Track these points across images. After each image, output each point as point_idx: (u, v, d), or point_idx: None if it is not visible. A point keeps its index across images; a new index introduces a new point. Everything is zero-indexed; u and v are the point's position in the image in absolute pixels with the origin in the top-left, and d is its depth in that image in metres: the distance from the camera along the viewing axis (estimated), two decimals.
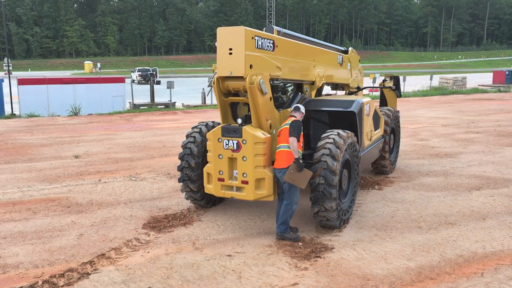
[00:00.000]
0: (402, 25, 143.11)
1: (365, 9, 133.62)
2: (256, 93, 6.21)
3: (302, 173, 6.09)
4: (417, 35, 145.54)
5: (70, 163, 11.20)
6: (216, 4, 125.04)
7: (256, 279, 5.30)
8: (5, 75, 59.36)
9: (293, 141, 6.10)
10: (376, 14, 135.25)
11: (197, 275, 5.40)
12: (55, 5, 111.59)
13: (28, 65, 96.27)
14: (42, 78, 24.36)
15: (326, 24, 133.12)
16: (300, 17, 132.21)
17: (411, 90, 36.55)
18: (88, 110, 23.25)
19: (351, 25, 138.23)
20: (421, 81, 45.62)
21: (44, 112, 22.78)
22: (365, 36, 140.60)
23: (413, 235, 6.58)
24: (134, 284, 5.19)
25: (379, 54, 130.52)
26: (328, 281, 5.24)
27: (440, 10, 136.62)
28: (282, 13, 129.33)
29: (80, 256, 5.93)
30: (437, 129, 16.42)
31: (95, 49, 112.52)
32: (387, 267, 5.56)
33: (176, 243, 6.36)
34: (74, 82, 24.55)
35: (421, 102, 26.76)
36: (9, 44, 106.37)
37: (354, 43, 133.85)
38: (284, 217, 6.35)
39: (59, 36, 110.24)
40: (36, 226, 6.98)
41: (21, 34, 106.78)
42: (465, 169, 10.39)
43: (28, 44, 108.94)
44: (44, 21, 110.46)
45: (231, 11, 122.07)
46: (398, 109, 12.05)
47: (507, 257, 5.86)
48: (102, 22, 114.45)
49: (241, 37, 6.04)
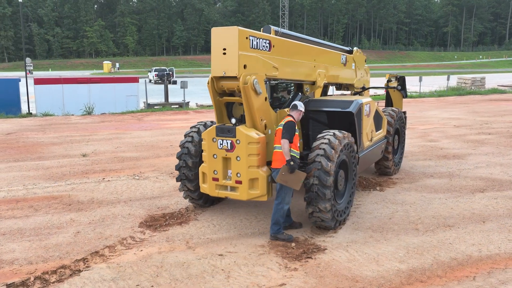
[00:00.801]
0: (422, 24, 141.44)
1: (384, 9, 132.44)
2: (250, 93, 6.21)
3: (294, 175, 6.08)
4: (437, 34, 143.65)
5: (77, 162, 11.37)
6: (233, 4, 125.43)
7: (244, 279, 5.30)
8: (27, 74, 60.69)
9: (284, 143, 6.09)
10: (395, 14, 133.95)
11: (186, 274, 5.43)
12: (75, 6, 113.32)
13: (49, 65, 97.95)
14: (58, 78, 24.79)
15: (344, 24, 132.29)
16: (318, 17, 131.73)
17: (428, 90, 36.08)
18: (102, 110, 23.57)
19: (369, 24, 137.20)
20: (439, 81, 44.98)
21: (59, 111, 23.19)
22: (384, 35, 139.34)
23: (408, 237, 6.50)
24: (123, 281, 5.24)
25: (398, 54, 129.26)
26: (316, 282, 5.21)
27: (461, 9, 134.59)
28: (300, 13, 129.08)
29: (74, 253, 6.01)
30: (449, 130, 16.18)
31: (114, 49, 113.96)
32: (377, 269, 5.51)
33: (170, 242, 6.40)
34: (88, 82, 24.92)
35: (436, 103, 26.40)
36: (30, 45, 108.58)
37: (372, 43, 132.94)
38: (276, 217, 6.34)
39: (79, 36, 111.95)
40: (36, 223, 7.11)
41: (42, 35, 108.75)
42: (472, 171, 10.22)
43: (49, 44, 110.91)
44: (65, 22, 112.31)
45: (249, 11, 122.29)
46: (411, 109, 11.97)
47: (503, 261, 5.74)
48: (121, 23, 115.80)
49: (234, 37, 6.05)
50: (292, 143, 6.26)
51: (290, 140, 6.15)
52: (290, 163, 6.04)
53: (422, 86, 38.23)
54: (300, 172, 6.15)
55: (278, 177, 6.10)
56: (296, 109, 6.57)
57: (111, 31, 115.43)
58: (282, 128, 6.21)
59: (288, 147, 6.09)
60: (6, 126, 17.85)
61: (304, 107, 6.74)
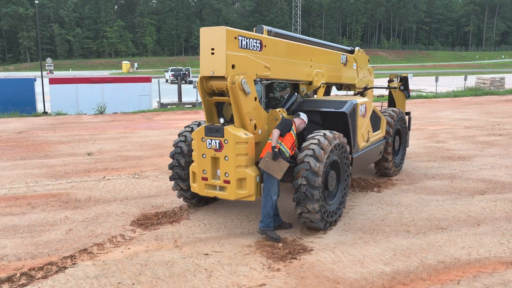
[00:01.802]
0: (443, 24, 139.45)
1: (404, 8, 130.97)
2: (238, 93, 6.21)
3: (277, 163, 6.11)
4: (458, 34, 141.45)
5: (81, 160, 11.53)
6: (252, 4, 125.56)
7: (225, 278, 5.31)
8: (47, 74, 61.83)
9: (274, 132, 6.26)
10: (415, 13, 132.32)
11: (169, 272, 5.46)
12: (96, 6, 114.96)
13: (70, 65, 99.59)
14: (72, 78, 25.20)
15: (363, 24, 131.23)
16: (336, 17, 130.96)
17: (445, 90, 35.53)
18: (115, 109, 23.84)
19: (389, 24, 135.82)
20: (458, 82, 44.21)
21: (73, 110, 23.56)
22: (404, 35, 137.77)
23: (398, 239, 6.42)
24: (106, 279, 5.30)
25: (418, 53, 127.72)
26: (296, 283, 5.19)
27: (483, 8, 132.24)
28: (318, 13, 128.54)
29: (63, 250, 6.10)
30: (459, 131, 15.91)
31: (133, 49, 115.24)
32: (361, 271, 5.46)
33: (158, 240, 6.45)
34: (102, 81, 25.25)
35: (450, 103, 25.99)
36: (52, 45, 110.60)
37: (392, 43, 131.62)
38: (266, 209, 6.30)
39: (99, 36, 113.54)
40: (31, 220, 7.23)
41: (63, 35, 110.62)
42: (475, 173, 10.04)
43: (70, 44, 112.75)
44: (86, 22, 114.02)
45: (267, 11, 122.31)
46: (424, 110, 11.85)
47: (491, 265, 5.63)
48: (141, 23, 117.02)
49: (222, 37, 6.06)
50: (284, 139, 6.31)
51: (282, 133, 6.27)
52: (275, 149, 6.11)
53: (439, 87, 37.72)
54: (283, 161, 6.16)
55: (261, 162, 6.15)
56: (299, 117, 6.92)
57: (131, 32, 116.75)
58: (280, 122, 6.46)
59: (277, 136, 6.21)
60: (19, 125, 18.21)
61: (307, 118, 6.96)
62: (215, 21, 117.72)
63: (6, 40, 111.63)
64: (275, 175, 6.16)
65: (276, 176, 6.17)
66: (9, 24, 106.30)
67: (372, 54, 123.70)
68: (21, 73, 79.39)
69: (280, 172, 6.15)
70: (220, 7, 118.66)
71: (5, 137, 15.04)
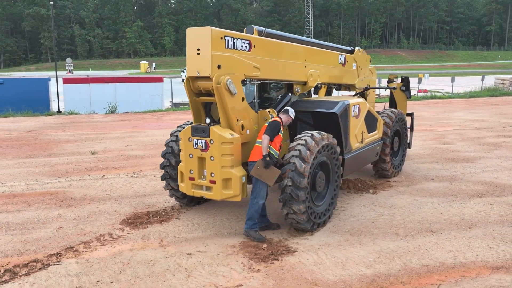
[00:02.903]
0: (464, 23, 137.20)
1: (424, 7, 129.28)
2: (223, 93, 6.21)
3: (269, 170, 6.14)
4: (479, 33, 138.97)
5: (84, 159, 11.69)
6: (270, 4, 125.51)
7: (203, 278, 5.32)
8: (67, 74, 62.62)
9: (264, 138, 6.23)
10: (435, 12, 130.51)
11: (149, 271, 5.49)
12: (115, 7, 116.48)
13: (89, 65, 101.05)
14: (85, 78, 25.54)
15: (382, 23, 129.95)
16: (355, 16, 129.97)
17: (462, 91, 34.92)
18: (127, 109, 24.08)
19: (408, 23, 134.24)
20: (477, 82, 43.40)
21: (86, 110, 23.90)
22: (424, 35, 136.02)
23: (385, 242, 6.34)
24: (86, 277, 5.36)
25: (438, 53, 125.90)
26: (273, 284, 5.17)
27: (506, 7, 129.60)
28: (337, 12, 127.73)
29: (49, 248, 6.19)
30: (468, 132, 15.63)
31: (152, 50, 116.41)
32: (341, 274, 5.40)
33: (144, 239, 6.49)
34: (114, 81, 25.52)
35: (464, 104, 25.55)
36: (72, 45, 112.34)
37: (411, 42, 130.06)
38: (251, 212, 6.35)
39: (118, 37, 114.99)
40: (24, 218, 7.36)
41: (83, 36, 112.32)
42: (476, 175, 9.85)
43: (90, 44, 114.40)
44: (105, 23, 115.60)
45: (285, 11, 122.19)
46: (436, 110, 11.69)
47: (476, 269, 5.52)
48: (159, 23, 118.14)
49: (207, 37, 6.07)
50: (273, 142, 6.30)
51: (271, 137, 6.27)
52: (266, 158, 6.14)
53: (457, 87, 37.16)
54: (275, 169, 6.19)
55: (252, 170, 6.18)
56: (287, 114, 6.76)
57: (149, 32, 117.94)
58: (267, 126, 6.37)
59: (267, 143, 6.20)
60: (30, 123, 18.54)
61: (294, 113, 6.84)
62: (232, 21, 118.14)
63: (28, 40, 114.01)
64: (267, 182, 6.19)
65: (269, 183, 6.20)
66: (31, 25, 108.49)
67: (391, 54, 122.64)
68: (42, 72, 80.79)
69: (273, 179, 6.18)
70: (238, 7, 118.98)
71: (14, 136, 15.33)
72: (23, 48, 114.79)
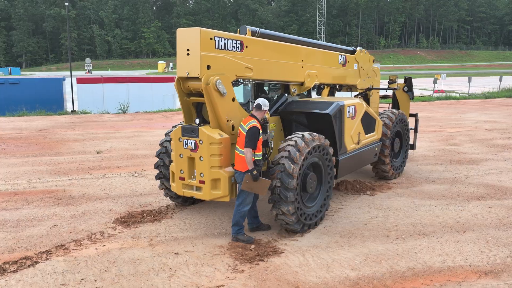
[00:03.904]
0: (485, 22, 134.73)
1: (444, 6, 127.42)
2: (212, 94, 6.22)
3: (259, 182, 6.04)
4: (501, 33, 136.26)
5: (89, 158, 11.84)
6: (287, 4, 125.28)
7: (186, 278, 5.34)
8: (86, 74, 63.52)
9: (247, 152, 5.99)
10: (456, 11, 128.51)
11: (134, 270, 5.53)
12: (134, 8, 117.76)
13: (108, 65, 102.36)
14: (99, 77, 25.86)
15: (401, 23, 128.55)
16: (373, 16, 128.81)
17: (480, 91, 34.33)
18: (140, 108, 24.32)
19: (428, 23, 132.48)
20: (496, 82, 42.66)
21: (99, 109, 24.20)
22: (444, 34, 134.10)
23: (375, 244, 6.27)
24: (71, 275, 5.42)
25: (458, 53, 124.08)
26: (255, 285, 5.16)
27: None
28: (355, 12, 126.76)
29: (41, 246, 6.28)
30: (478, 133, 15.36)
31: (170, 50, 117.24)
32: (324, 276, 5.36)
33: (135, 238, 6.54)
34: (127, 81, 25.78)
35: (479, 105, 25.11)
36: (92, 45, 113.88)
37: (431, 42, 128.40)
38: (236, 218, 6.32)
39: (137, 37, 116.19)
40: (21, 216, 7.49)
41: (103, 36, 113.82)
42: (479, 177, 9.67)
43: (109, 45, 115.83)
44: (124, 23, 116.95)
45: (302, 11, 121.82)
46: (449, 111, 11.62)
47: (463, 273, 5.42)
48: (177, 24, 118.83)
49: (196, 38, 6.09)
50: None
51: (254, 147, 6.05)
52: (253, 172, 5.97)
53: (475, 87, 36.59)
54: (264, 180, 6.08)
55: (242, 185, 6.06)
56: (260, 110, 6.36)
57: (167, 32, 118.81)
58: (245, 135, 6.08)
59: (250, 156, 5.99)
60: (42, 122, 18.86)
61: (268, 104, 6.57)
62: (250, 21, 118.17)
63: (49, 41, 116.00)
64: (260, 193, 6.14)
65: (261, 193, 6.15)
66: (52, 26, 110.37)
67: (410, 54, 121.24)
68: (63, 72, 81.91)
69: (265, 190, 6.10)
70: (256, 7, 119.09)
71: (25, 134, 15.62)
72: (44, 48, 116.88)
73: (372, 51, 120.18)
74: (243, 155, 6.08)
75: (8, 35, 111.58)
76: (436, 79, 33.78)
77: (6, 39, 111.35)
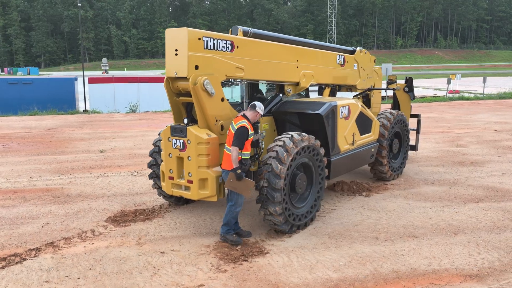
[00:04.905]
0: (505, 21, 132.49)
1: (462, 5, 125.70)
2: (200, 94, 6.24)
3: (242, 182, 6.00)
4: None
5: (92, 157, 11.97)
6: (303, 3, 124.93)
7: (168, 277, 5.36)
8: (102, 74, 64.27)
9: (233, 150, 5.95)
10: (475, 11, 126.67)
11: (118, 269, 5.58)
12: (151, 8, 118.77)
13: (125, 65, 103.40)
14: (110, 77, 26.14)
15: (419, 22, 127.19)
16: (390, 15, 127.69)
17: (496, 92, 33.77)
18: (150, 108, 24.51)
19: (446, 22, 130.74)
20: None
21: (110, 109, 24.47)
22: (462, 34, 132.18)
23: (362, 246, 6.21)
24: (56, 272, 5.49)
25: (477, 53, 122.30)
26: (235, 285, 5.16)
27: None
28: (372, 11, 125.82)
29: (31, 243, 6.38)
30: (486, 135, 15.11)
31: None
32: (306, 277, 5.34)
33: (124, 237, 6.60)
34: (138, 81, 26.00)
35: (492, 105, 24.69)
36: (109, 45, 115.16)
37: (449, 42, 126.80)
38: (228, 218, 6.30)
39: (153, 37, 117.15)
40: (17, 213, 7.61)
41: (120, 36, 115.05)
42: (480, 179, 9.51)
43: (125, 45, 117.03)
44: (141, 24, 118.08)
45: (318, 10, 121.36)
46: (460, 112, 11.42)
47: (448, 277, 5.34)
48: (193, 24, 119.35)
49: (184, 38, 6.11)
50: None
51: (241, 146, 6.00)
52: (237, 171, 5.93)
53: (492, 88, 36.01)
54: (248, 180, 6.06)
55: (226, 183, 6.04)
56: (254, 110, 6.35)
57: None
58: (234, 134, 6.07)
59: (236, 155, 5.94)
60: (52, 122, 19.15)
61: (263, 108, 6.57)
62: (265, 21, 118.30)
63: (67, 41, 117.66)
64: (243, 194, 6.07)
65: (244, 194, 6.08)
66: (70, 26, 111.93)
67: (428, 54, 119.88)
68: (80, 72, 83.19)
69: (248, 191, 6.06)
70: (271, 7, 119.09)
71: (33, 133, 15.88)
72: (62, 48, 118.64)
73: (389, 51, 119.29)
74: (229, 153, 6.07)
75: (28, 35, 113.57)
76: (450, 79, 33.31)
77: (25, 40, 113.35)
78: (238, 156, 6.03)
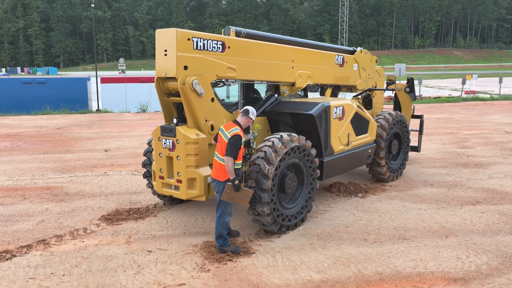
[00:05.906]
0: None
1: (482, 4, 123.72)
2: (189, 94, 6.28)
3: (240, 193, 5.78)
4: None
5: (96, 156, 12.13)
6: (320, 3, 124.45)
7: (151, 276, 5.40)
8: (119, 74, 64.92)
9: (228, 161, 5.67)
10: (495, 10, 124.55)
11: (103, 267, 5.64)
12: (168, 9, 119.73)
13: (142, 65, 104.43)
14: (122, 77, 26.41)
15: (437, 22, 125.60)
16: (408, 15, 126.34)
17: None
18: (159, 107, 24.64)
19: (465, 22, 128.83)
20: None
21: (121, 108, 24.73)
22: (482, 33, 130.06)
23: (350, 247, 6.17)
24: (43, 269, 5.58)
25: (497, 53, 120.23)
26: (216, 285, 5.17)
27: None
28: (389, 11, 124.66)
29: (23, 240, 6.49)
30: (495, 136, 14.85)
31: None
32: (288, 278, 5.33)
33: (114, 235, 6.67)
34: (149, 81, 26.18)
35: (506, 106, 24.25)
36: (126, 46, 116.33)
37: (468, 42, 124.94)
38: (219, 230, 6.07)
39: None
40: (14, 211, 7.75)
41: (137, 37, 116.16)
42: (481, 182, 9.36)
43: (143, 45, 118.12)
44: (158, 24, 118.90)
45: (335, 10, 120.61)
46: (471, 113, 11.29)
47: (432, 280, 5.27)
48: (210, 24, 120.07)
49: (172, 38, 6.16)
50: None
51: (235, 156, 5.74)
52: (235, 182, 5.68)
53: (509, 88, 35.33)
54: (246, 189, 5.85)
55: (223, 195, 5.79)
56: (246, 116, 6.11)
57: None
58: (227, 143, 5.76)
59: (232, 165, 5.69)
60: (62, 121, 19.44)
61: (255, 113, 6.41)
62: (282, 21, 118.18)
63: (86, 41, 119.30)
64: (242, 204, 5.89)
65: (243, 204, 5.90)
66: (88, 27, 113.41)
67: (446, 54, 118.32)
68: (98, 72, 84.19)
69: (247, 200, 5.89)
70: (288, 7, 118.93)
71: (43, 132, 16.14)
72: (81, 49, 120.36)
73: (407, 51, 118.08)
74: (222, 163, 5.82)
75: (47, 36, 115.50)
76: (465, 79, 32.80)
77: (45, 40, 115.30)
78: (233, 172, 5.74)
